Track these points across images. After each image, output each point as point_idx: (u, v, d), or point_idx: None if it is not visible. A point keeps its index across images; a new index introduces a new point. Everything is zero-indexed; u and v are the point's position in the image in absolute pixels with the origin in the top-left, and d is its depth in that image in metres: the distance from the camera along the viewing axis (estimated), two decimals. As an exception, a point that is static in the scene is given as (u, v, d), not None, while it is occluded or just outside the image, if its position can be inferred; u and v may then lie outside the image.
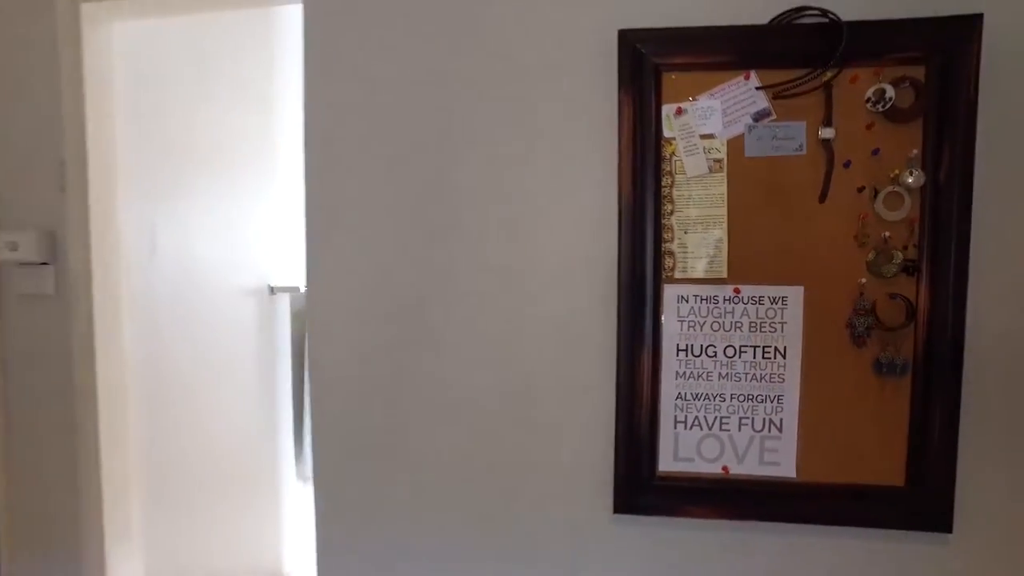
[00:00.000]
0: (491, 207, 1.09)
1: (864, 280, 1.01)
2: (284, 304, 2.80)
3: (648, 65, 1.02)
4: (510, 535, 1.12)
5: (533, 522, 1.11)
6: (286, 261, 2.80)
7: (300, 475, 2.98)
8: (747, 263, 1.02)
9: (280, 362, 2.81)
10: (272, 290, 2.68)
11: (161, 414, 2.07)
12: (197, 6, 1.78)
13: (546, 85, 1.07)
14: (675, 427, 1.06)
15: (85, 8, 1.67)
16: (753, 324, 1.03)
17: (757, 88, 1.01)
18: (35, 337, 1.79)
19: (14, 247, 1.71)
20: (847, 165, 1.00)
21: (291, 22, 2.69)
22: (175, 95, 2.09)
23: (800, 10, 1.00)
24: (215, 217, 2.31)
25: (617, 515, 1.08)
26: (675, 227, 1.03)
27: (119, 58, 1.82)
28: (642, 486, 1.07)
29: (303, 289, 2.75)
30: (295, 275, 2.84)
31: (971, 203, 0.97)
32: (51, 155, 1.73)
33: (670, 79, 1.03)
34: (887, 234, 0.99)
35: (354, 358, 1.17)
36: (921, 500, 1.02)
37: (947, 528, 1.01)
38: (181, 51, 2.09)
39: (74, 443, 1.79)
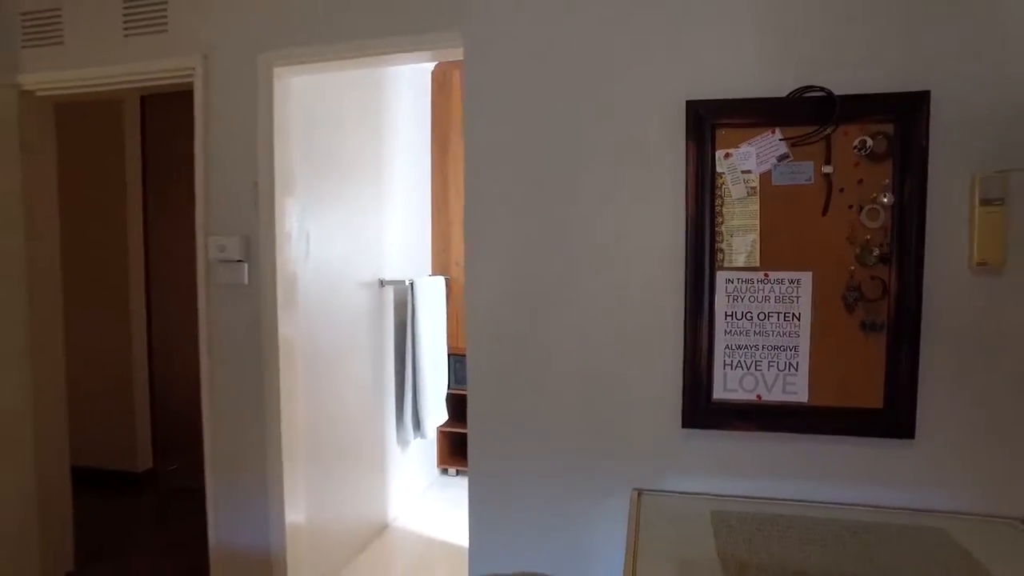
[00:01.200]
0: (600, 217, 1.61)
1: (853, 267, 1.50)
2: (390, 295, 3.36)
3: (706, 124, 1.54)
4: (613, 442, 1.63)
5: (629, 434, 1.62)
6: (391, 260, 3.37)
7: (400, 440, 3.53)
8: (772, 256, 1.53)
9: (387, 343, 3.37)
10: (381, 283, 3.24)
11: (314, 379, 2.64)
12: (352, 64, 2.34)
13: (640, 134, 1.59)
14: (724, 368, 1.57)
15: (277, 70, 2.24)
16: (777, 297, 1.53)
17: (780, 140, 1.51)
18: (233, 316, 2.37)
19: (223, 249, 2.29)
20: (841, 191, 1.50)
21: (399, 69, 3.27)
22: (323, 129, 2.66)
23: (807, 88, 1.50)
24: (346, 226, 2.88)
25: (685, 428, 1.59)
26: (724, 232, 1.54)
27: (293, 103, 2.39)
28: (701, 409, 1.58)
29: (408, 281, 3.32)
30: (398, 271, 3.41)
31: (925, 216, 1.45)
32: (248, 180, 2.30)
33: (721, 133, 1.54)
34: (868, 236, 1.49)
35: (497, 321, 1.70)
36: (892, 417, 1.50)
37: (911, 435, 1.49)
38: (328, 95, 2.67)
39: (261, 396, 2.36)
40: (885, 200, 1.48)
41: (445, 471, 4.21)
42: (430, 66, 3.85)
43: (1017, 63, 1.41)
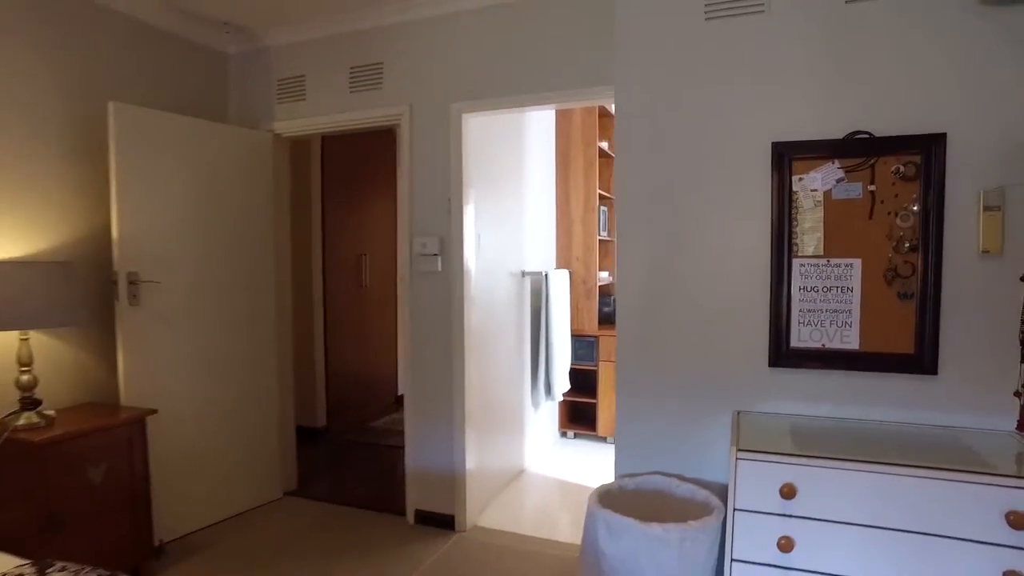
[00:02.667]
0: (713, 221, 2.34)
1: (891, 255, 2.16)
2: (528, 284, 4.17)
3: (785, 158, 2.24)
4: (720, 377, 2.36)
5: (731, 371, 2.35)
6: (528, 255, 4.18)
7: (533, 403, 4.34)
8: (832, 248, 2.21)
9: (526, 323, 4.19)
10: (523, 274, 4.06)
11: (480, 349, 3.47)
12: (520, 109, 3.15)
13: (739, 165, 2.31)
14: (797, 325, 2.26)
15: (464, 115, 3.09)
16: (835, 276, 2.21)
17: (838, 168, 2.20)
18: (429, 298, 3.23)
19: (424, 246, 3.16)
20: (882, 202, 2.16)
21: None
22: (486, 154, 3.51)
23: (857, 132, 2.17)
24: (500, 228, 3.71)
25: (770, 367, 2.30)
26: (798, 232, 2.24)
27: (471, 138, 3.23)
28: (782, 353, 2.28)
29: (544, 272, 4.12)
30: (534, 264, 4.22)
31: (943, 218, 2.10)
32: (444, 195, 3.16)
33: (795, 164, 2.24)
34: (902, 233, 2.15)
35: (638, 294, 2.46)
36: (921, 359, 2.15)
37: (935, 372, 2.14)
38: (490, 128, 3.51)
39: (450, 360, 3.21)
40: (915, 208, 2.14)
41: (564, 434, 4.99)
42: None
43: (1009, 108, 2.04)
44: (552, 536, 3.23)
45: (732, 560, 1.97)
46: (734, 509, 1.96)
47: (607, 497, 2.35)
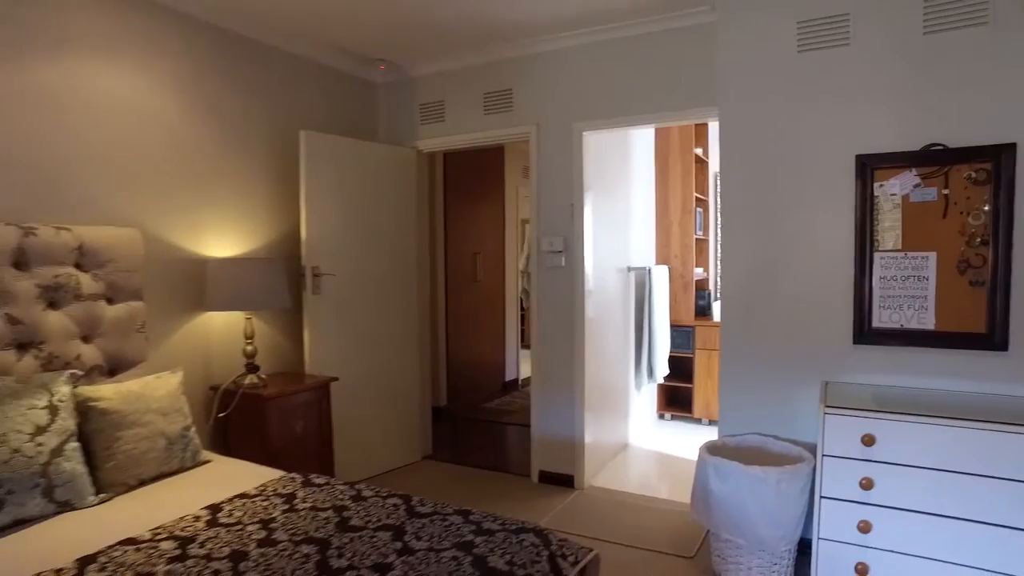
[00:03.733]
0: (804, 221, 2.78)
1: (963, 248, 2.53)
2: (632, 278, 4.66)
3: (867, 168, 2.65)
4: (809, 352, 2.79)
5: (820, 347, 2.78)
6: (632, 252, 4.66)
7: (636, 385, 4.82)
8: (910, 243, 2.60)
9: (630, 313, 4.67)
10: (628, 269, 4.55)
11: (594, 334, 3.99)
12: (633, 127, 3.66)
13: (828, 173, 2.74)
14: (878, 308, 2.67)
15: (584, 133, 3.62)
16: (912, 267, 2.61)
17: (915, 175, 2.59)
18: (554, 290, 3.77)
19: (551, 244, 3.70)
20: (955, 203, 2.54)
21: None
22: (599, 164, 4.02)
23: (933, 144, 2.56)
24: (609, 228, 4.21)
25: (854, 344, 2.72)
26: (879, 230, 2.65)
27: (589, 152, 3.76)
28: (865, 332, 2.69)
29: (647, 268, 4.60)
30: (637, 260, 4.69)
31: (1012, 216, 2.46)
32: (566, 200, 3.69)
33: (876, 172, 2.65)
34: (973, 230, 2.52)
35: (739, 283, 2.93)
36: (992, 337, 2.51)
37: (1005, 349, 2.50)
38: (602, 141, 4.01)
39: (572, 343, 3.74)
40: (985, 208, 2.51)
41: (662, 416, 5.44)
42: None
43: (1069, 125, 2.39)
44: (656, 496, 3.71)
45: (821, 497, 2.42)
46: (822, 455, 2.40)
47: (714, 449, 2.83)
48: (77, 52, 2.74)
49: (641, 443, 4.80)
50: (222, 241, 3.37)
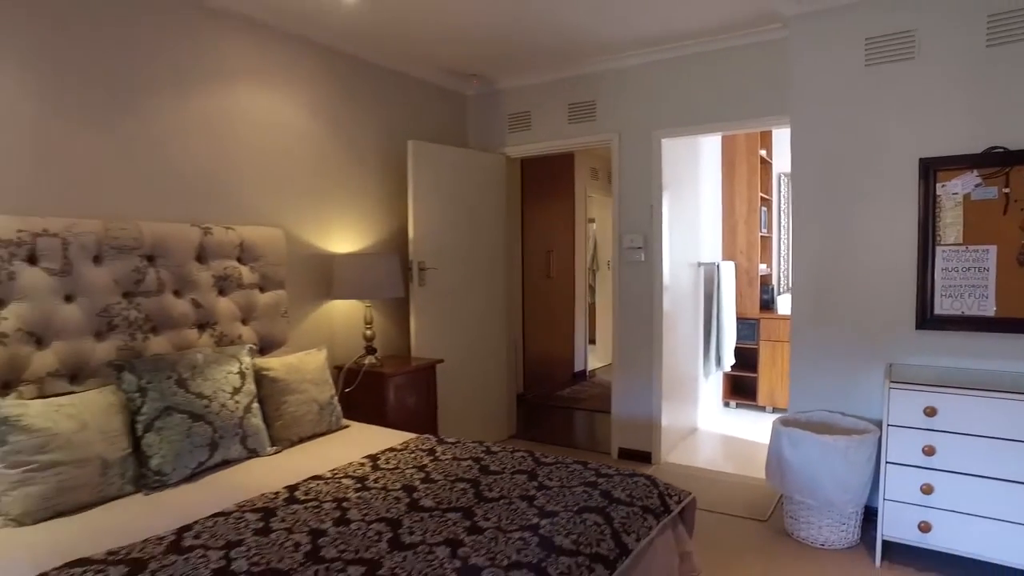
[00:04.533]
0: (871, 218, 3.09)
1: (1023, 242, 2.81)
2: (701, 273, 4.98)
3: (930, 169, 2.94)
4: (875, 337, 3.10)
5: (885, 332, 3.08)
6: (701, 248, 4.98)
7: (704, 373, 5.14)
8: (970, 237, 2.88)
9: (700, 306, 5.00)
10: (698, 264, 4.88)
11: (670, 327, 4.34)
12: (708, 133, 4.00)
13: (890, 174, 3.04)
14: (940, 297, 2.95)
15: (663, 140, 3.98)
16: (973, 259, 2.89)
17: (976, 176, 2.87)
18: (633, 283, 4.13)
19: (632, 241, 4.07)
20: (1015, 200, 2.81)
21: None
22: (673, 166, 4.37)
23: (994, 147, 2.84)
24: (681, 225, 4.54)
25: (917, 330, 3.01)
26: (940, 225, 2.93)
27: (665, 156, 4.11)
28: (927, 319, 2.98)
29: (716, 263, 4.92)
30: (706, 256, 5.01)
31: (1064, 214, 2.73)
32: (645, 200, 4.06)
33: (939, 173, 2.93)
34: (1030, 226, 2.79)
35: (809, 274, 3.25)
36: (1046, 323, 2.79)
37: (1058, 334, 2.77)
38: (676, 145, 4.36)
39: (651, 332, 4.10)
40: (1041, 206, 2.78)
41: (727, 404, 5.74)
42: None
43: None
44: (727, 471, 4.04)
45: (887, 462, 2.73)
46: (887, 425, 2.72)
47: (786, 422, 3.16)
48: (236, 81, 3.24)
49: (709, 427, 5.12)
50: (343, 238, 3.85)
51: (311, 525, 1.86)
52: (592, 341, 7.88)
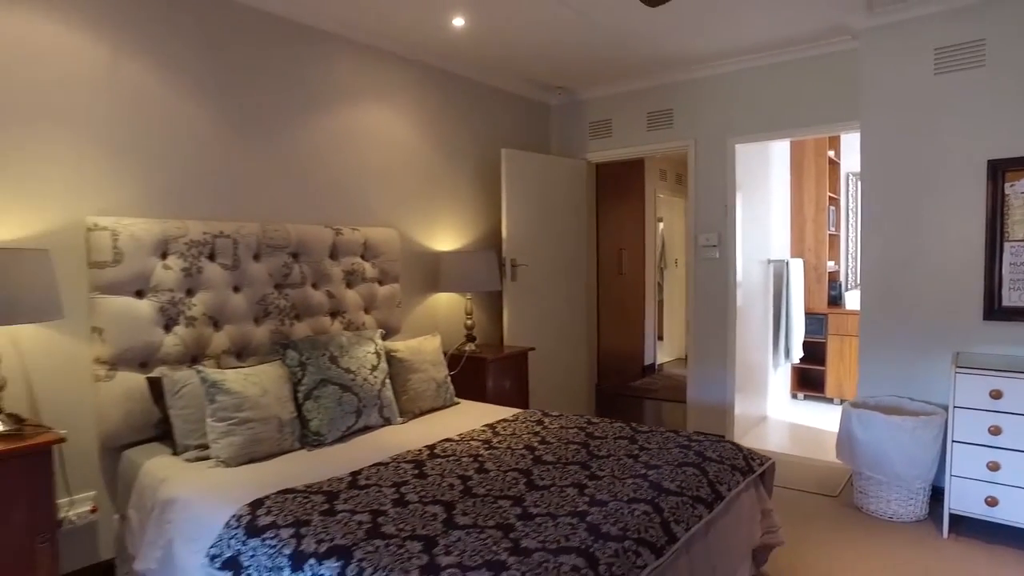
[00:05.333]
0: (936, 216, 3.33)
1: (1084, 239, 3.01)
2: (771, 269, 5.24)
3: (999, 170, 3.17)
4: (943, 327, 3.34)
5: (953, 323, 3.31)
6: (771, 245, 5.23)
7: (774, 364, 5.40)
8: (1036, 234, 3.11)
9: (769, 301, 5.26)
10: (768, 261, 5.14)
11: (742, 321, 4.62)
12: (779, 139, 4.28)
13: (958, 175, 3.27)
14: (1007, 290, 3.17)
15: (737, 146, 4.28)
16: (1038, 254, 3.11)
17: (1040, 177, 3.09)
18: (708, 279, 4.44)
19: (707, 239, 4.38)
20: (1077, 200, 3.02)
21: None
22: (746, 167, 4.65)
23: (1057, 151, 3.06)
24: (751, 224, 4.82)
25: (984, 320, 3.24)
26: (1008, 223, 3.16)
27: (739, 160, 4.41)
28: (994, 310, 3.21)
29: (785, 261, 5.17)
30: (775, 253, 5.26)
31: None
32: (720, 201, 4.36)
33: (1007, 174, 3.16)
34: (1093, 223, 3.00)
35: (878, 268, 3.51)
36: (1109, 314, 2.98)
37: (1121, 324, 2.96)
38: (749, 148, 4.64)
39: (725, 325, 4.40)
40: (1104, 204, 2.98)
41: (795, 395, 5.96)
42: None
43: None
44: (797, 455, 4.31)
45: (953, 441, 2.98)
46: (954, 407, 2.97)
47: (856, 405, 3.43)
48: (358, 101, 3.72)
49: (778, 416, 5.37)
50: (445, 237, 4.30)
51: (457, 472, 2.28)
52: (660, 337, 8.15)
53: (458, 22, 3.57)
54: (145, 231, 2.71)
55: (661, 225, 8.36)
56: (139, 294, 2.72)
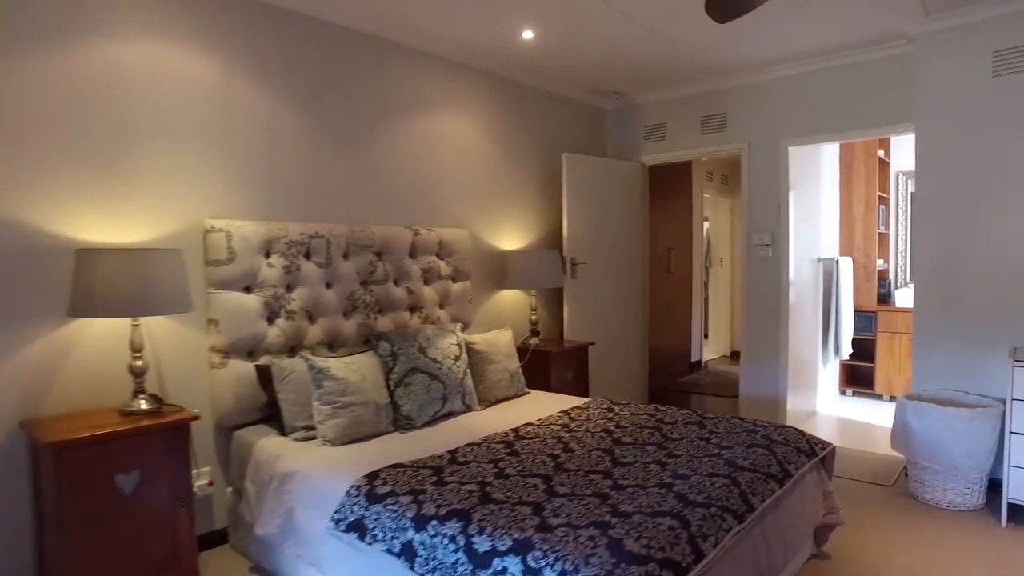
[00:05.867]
0: (988, 214, 3.45)
1: None
2: (820, 267, 5.36)
3: (1052, 172, 3.29)
4: (999, 325, 3.45)
5: (1006, 317, 3.43)
6: (821, 244, 5.35)
7: (823, 361, 5.52)
8: (1091, 233, 3.22)
9: (819, 298, 5.38)
10: (818, 260, 5.26)
11: (793, 318, 4.77)
12: (832, 141, 4.42)
13: (1015, 172, 3.39)
14: (1063, 287, 3.29)
15: (790, 149, 4.43)
16: (1094, 252, 3.22)
17: (1095, 177, 3.19)
18: (761, 277, 4.60)
19: (761, 239, 4.54)
20: None
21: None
22: (797, 168, 4.79)
23: (1112, 152, 3.16)
24: (804, 224, 4.95)
25: (1039, 316, 3.36)
26: (1063, 222, 3.27)
27: (791, 162, 4.55)
28: (1049, 307, 3.33)
29: (835, 259, 5.29)
30: (825, 252, 5.38)
31: None
32: (773, 202, 4.52)
33: (1061, 176, 3.27)
34: None
35: (933, 265, 3.64)
36: None
37: None
38: (802, 150, 4.78)
39: (777, 321, 4.56)
40: None
41: (843, 392, 6.06)
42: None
43: None
44: (849, 447, 4.44)
45: (1011, 432, 3.11)
46: (1012, 399, 3.10)
47: (911, 397, 3.57)
48: (432, 111, 3.98)
49: (827, 411, 5.49)
50: (510, 236, 4.54)
51: (545, 452, 2.51)
52: (706, 336, 8.28)
53: (527, 35, 3.80)
54: (253, 232, 3.00)
55: (707, 224, 8.49)
56: (247, 289, 3.01)
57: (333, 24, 3.43)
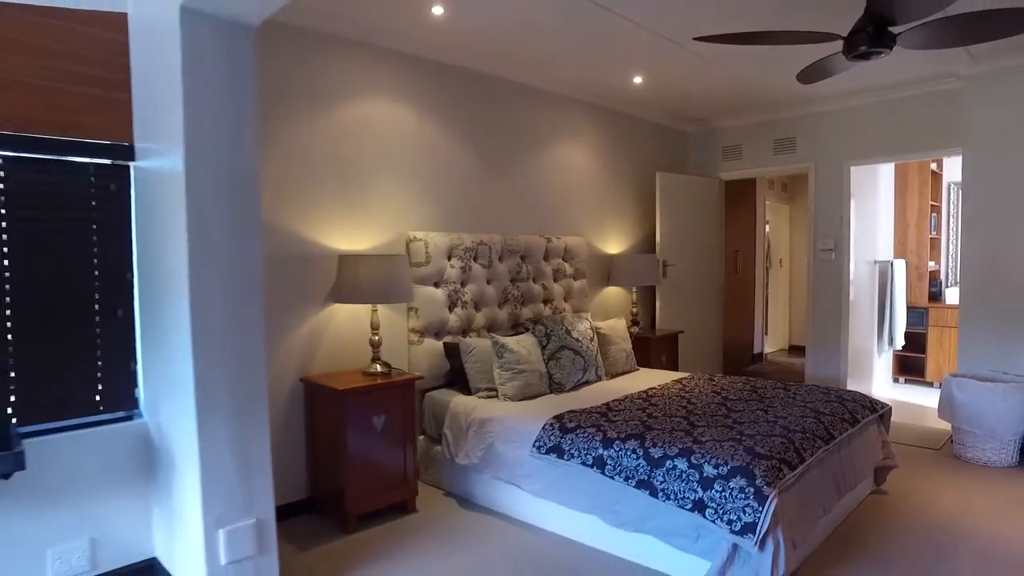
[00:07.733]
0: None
1: None
2: (875, 269, 6.15)
3: (1074, 193, 4.06)
4: (1028, 315, 4.25)
5: (1035, 311, 4.23)
6: (876, 247, 6.12)
7: (878, 350, 6.30)
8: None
9: (874, 295, 6.17)
10: (874, 262, 6.05)
11: (852, 313, 5.58)
12: (886, 162, 5.22)
13: (1041, 198, 4.18)
14: (1083, 286, 4.06)
15: (852, 168, 5.26)
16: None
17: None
18: (825, 278, 5.43)
19: (825, 244, 5.37)
20: None
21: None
22: (857, 182, 5.61)
23: (1123, 178, 3.92)
24: (862, 229, 5.76)
25: (1063, 310, 4.14)
26: (1083, 234, 4.05)
27: (852, 179, 5.37)
28: (1071, 302, 4.10)
29: (890, 261, 6.07)
30: (880, 254, 6.16)
31: None
32: (835, 212, 5.35)
33: (1081, 196, 4.04)
34: None
35: (978, 266, 4.43)
36: None
37: None
38: (862, 170, 5.59)
39: (839, 317, 5.39)
40: None
41: (896, 380, 6.82)
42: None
43: None
44: (901, 422, 5.24)
45: (1035, 401, 3.91)
46: (1036, 375, 3.90)
47: (955, 375, 4.38)
48: (558, 140, 4.94)
49: (881, 395, 6.26)
50: (614, 241, 5.47)
51: (676, 403, 3.43)
52: (765, 331, 9.07)
53: (637, 80, 4.72)
54: (441, 240, 3.99)
55: (767, 228, 9.26)
56: (436, 285, 4.00)
57: (490, 75, 4.40)
